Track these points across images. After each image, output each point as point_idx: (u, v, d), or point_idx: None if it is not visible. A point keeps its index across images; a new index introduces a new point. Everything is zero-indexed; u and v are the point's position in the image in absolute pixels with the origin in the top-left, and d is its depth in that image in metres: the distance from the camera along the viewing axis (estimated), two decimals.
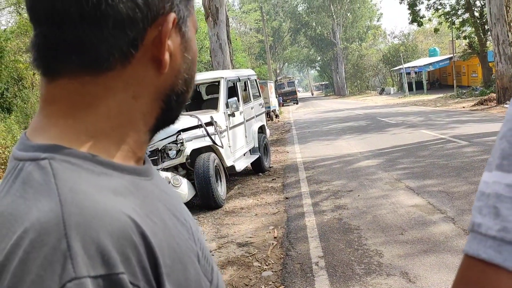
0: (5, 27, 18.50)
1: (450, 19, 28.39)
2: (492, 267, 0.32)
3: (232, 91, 7.89)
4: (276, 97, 27.57)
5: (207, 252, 0.61)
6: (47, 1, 0.47)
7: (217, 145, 6.52)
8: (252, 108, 8.73)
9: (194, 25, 0.58)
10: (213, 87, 8.00)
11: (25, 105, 11.84)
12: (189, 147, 6.10)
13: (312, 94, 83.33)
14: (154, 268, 0.46)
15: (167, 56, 0.52)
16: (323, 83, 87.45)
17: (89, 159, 0.48)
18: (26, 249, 0.40)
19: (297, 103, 41.10)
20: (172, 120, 0.60)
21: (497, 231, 0.32)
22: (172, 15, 0.51)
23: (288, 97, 39.08)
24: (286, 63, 69.21)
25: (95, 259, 0.41)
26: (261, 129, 9.09)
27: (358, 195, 6.14)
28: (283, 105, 35.87)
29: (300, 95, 61.93)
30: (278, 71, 59.21)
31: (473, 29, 27.36)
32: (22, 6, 18.44)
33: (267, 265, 4.18)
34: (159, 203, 0.54)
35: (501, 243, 0.32)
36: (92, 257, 0.41)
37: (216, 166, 6.32)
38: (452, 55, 30.41)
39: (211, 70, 13.15)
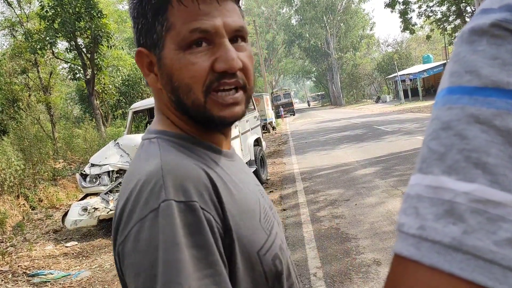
0: None
1: (442, 26, 28.63)
2: (413, 263, 0.34)
3: None
4: (273, 109, 27.60)
5: (271, 216, 0.83)
6: None
7: None
8: (247, 121, 8.74)
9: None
10: None
11: (20, 126, 11.82)
12: None
13: (309, 105, 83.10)
14: (219, 204, 0.69)
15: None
16: (319, 93, 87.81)
17: (178, 137, 0.77)
18: (140, 187, 0.67)
19: (293, 114, 41.20)
20: (186, 107, 0.78)
21: (416, 229, 0.34)
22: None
23: (284, 108, 39.16)
24: (282, 75, 69.57)
25: (179, 192, 0.65)
26: (257, 142, 9.08)
27: (355, 204, 6.12)
28: (283, 118, 35.90)
29: (296, 106, 61.93)
30: (274, 83, 59.46)
31: None
32: (16, 29, 18.52)
33: None
34: (234, 175, 0.78)
35: (420, 240, 0.33)
36: (177, 191, 0.65)
37: None
38: (445, 61, 30.65)
39: None
